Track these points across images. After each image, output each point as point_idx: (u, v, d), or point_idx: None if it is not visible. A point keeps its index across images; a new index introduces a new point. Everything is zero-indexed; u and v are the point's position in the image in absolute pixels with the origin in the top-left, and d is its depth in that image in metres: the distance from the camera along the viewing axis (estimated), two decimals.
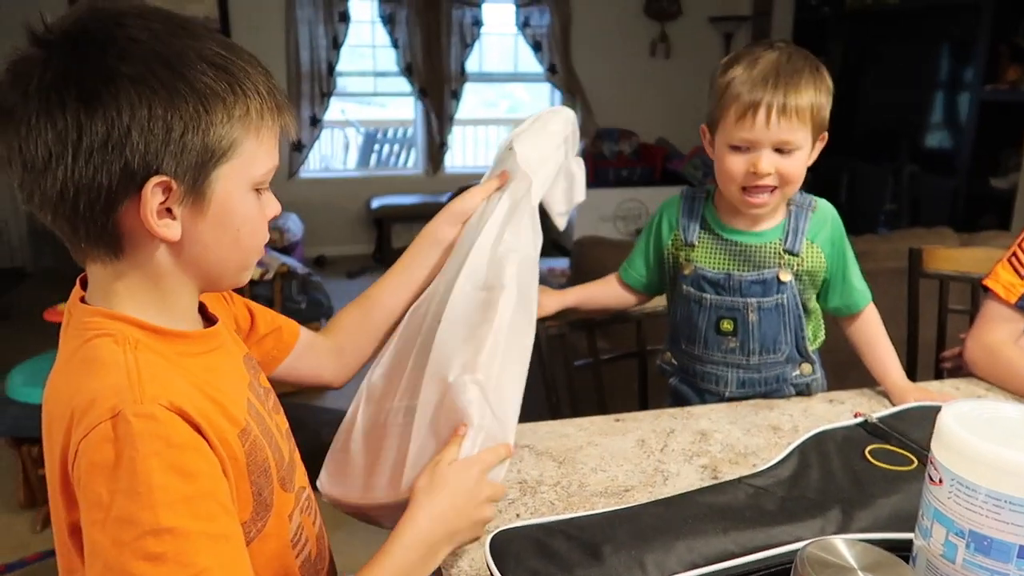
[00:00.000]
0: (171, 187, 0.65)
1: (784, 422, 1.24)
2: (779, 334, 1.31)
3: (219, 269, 0.74)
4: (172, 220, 0.67)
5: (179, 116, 0.63)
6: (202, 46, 0.66)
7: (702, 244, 1.34)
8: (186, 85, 0.64)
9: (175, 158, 0.64)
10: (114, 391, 0.63)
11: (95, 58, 0.62)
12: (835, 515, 0.81)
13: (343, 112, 5.79)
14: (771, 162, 1.20)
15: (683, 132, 6.01)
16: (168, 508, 0.59)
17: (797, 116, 1.17)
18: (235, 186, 0.69)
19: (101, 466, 0.60)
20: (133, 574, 0.57)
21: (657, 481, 1.06)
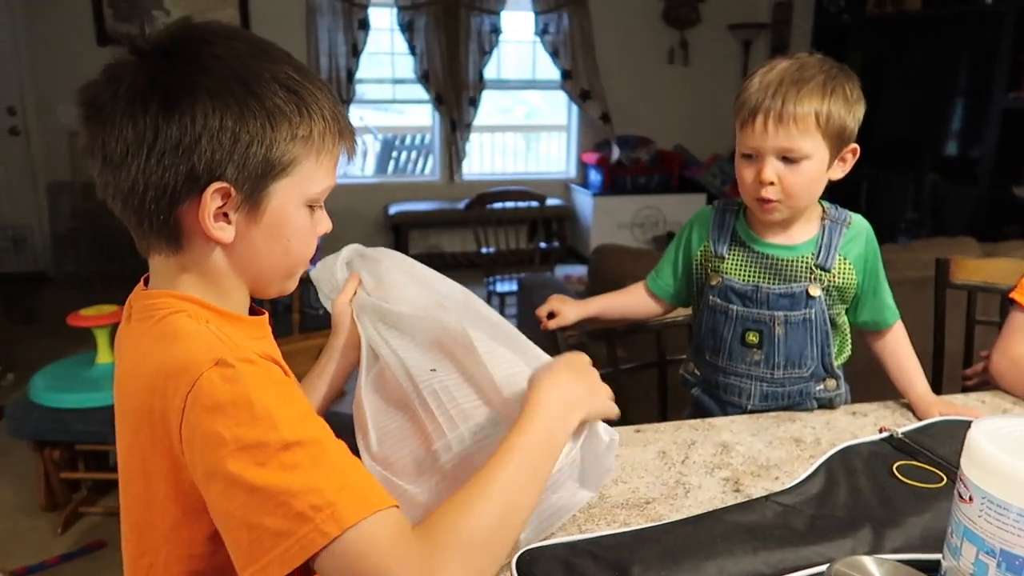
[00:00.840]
0: (230, 194, 0.70)
1: (807, 435, 1.23)
2: (805, 348, 1.30)
3: (268, 275, 0.79)
4: (227, 224, 0.72)
5: (246, 130, 0.69)
6: (278, 69, 0.71)
7: (732, 256, 1.33)
8: (257, 102, 0.69)
9: (237, 168, 0.69)
10: (207, 349, 0.67)
11: (180, 70, 0.68)
12: (866, 535, 0.80)
13: (361, 119, 5.82)
14: (774, 171, 1.19)
15: (701, 140, 5.99)
16: (289, 426, 0.63)
17: (796, 123, 1.16)
18: (290, 200, 0.74)
19: (216, 408, 0.64)
20: (277, 487, 0.60)
21: (679, 493, 1.05)
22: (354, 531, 0.60)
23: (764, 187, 1.20)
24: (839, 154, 1.22)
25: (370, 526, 0.61)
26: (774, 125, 1.16)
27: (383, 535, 0.61)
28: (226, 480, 0.62)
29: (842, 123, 1.19)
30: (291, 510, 0.59)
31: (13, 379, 3.42)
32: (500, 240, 4.23)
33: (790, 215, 1.26)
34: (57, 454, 2.37)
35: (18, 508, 2.50)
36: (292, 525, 0.59)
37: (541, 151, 6.38)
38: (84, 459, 2.49)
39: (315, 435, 0.65)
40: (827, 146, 1.19)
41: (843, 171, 1.25)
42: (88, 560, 2.23)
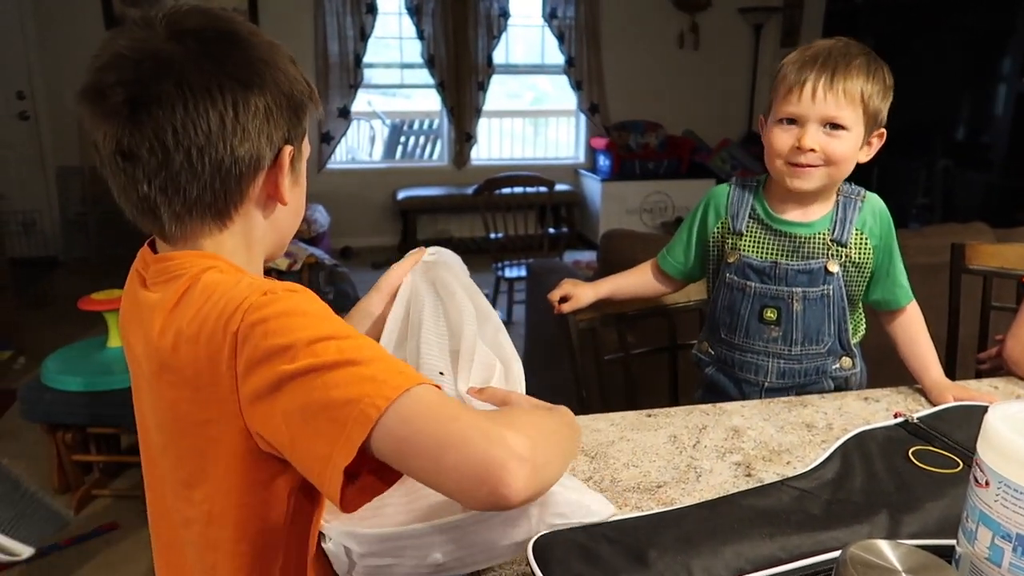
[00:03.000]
0: (292, 155, 0.77)
1: (818, 419, 1.23)
2: (823, 325, 1.30)
3: (289, 235, 0.84)
4: (291, 186, 0.78)
5: (292, 97, 0.75)
6: (275, 42, 0.77)
7: (750, 233, 1.33)
8: (285, 73, 0.75)
9: (294, 131, 0.76)
10: (254, 288, 0.69)
11: (236, 49, 0.72)
12: (882, 520, 0.80)
13: (369, 104, 5.81)
14: (816, 138, 1.21)
15: (711, 125, 5.96)
16: (340, 325, 0.67)
17: (844, 94, 1.19)
18: (303, 161, 0.80)
19: (265, 323, 0.65)
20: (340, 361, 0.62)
21: (690, 478, 1.05)
22: (414, 391, 0.61)
23: (804, 153, 1.22)
24: (869, 136, 1.24)
25: (427, 391, 0.62)
26: (824, 92, 1.19)
27: (439, 399, 0.63)
28: (292, 380, 0.62)
29: (877, 106, 1.23)
30: (358, 376, 0.62)
31: (25, 363, 3.44)
32: (509, 225, 4.22)
33: (826, 184, 1.26)
34: (69, 437, 2.38)
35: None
36: (362, 388, 0.61)
37: (550, 136, 6.36)
38: (96, 441, 2.51)
39: (357, 333, 0.67)
40: (863, 125, 1.22)
41: (868, 155, 1.27)
42: (101, 542, 2.25)
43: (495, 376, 0.86)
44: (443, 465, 0.60)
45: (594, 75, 5.76)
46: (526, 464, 0.60)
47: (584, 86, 5.76)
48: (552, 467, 0.66)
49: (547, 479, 0.65)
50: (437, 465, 0.60)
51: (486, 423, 0.61)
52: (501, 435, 0.60)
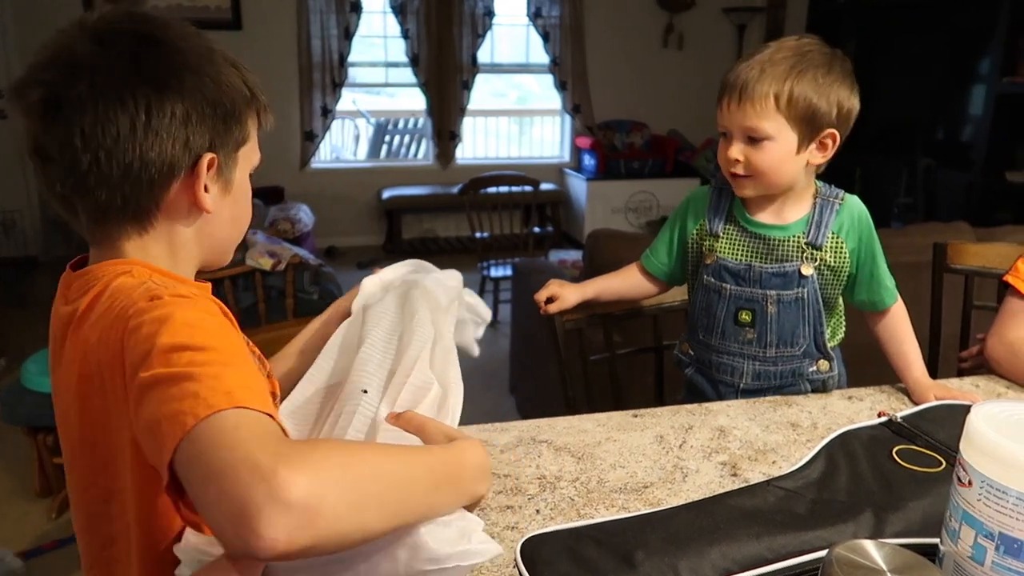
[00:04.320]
0: (215, 164, 0.75)
1: (803, 419, 1.24)
2: (797, 327, 1.31)
3: (226, 245, 0.82)
4: (207, 194, 0.76)
5: (222, 102, 0.74)
6: (214, 47, 0.76)
7: (726, 235, 1.33)
8: (224, 77, 0.74)
9: (220, 137, 0.74)
10: (145, 293, 0.67)
11: (157, 51, 0.71)
12: (867, 519, 0.80)
13: (354, 103, 5.78)
14: (740, 150, 1.24)
15: (695, 124, 5.98)
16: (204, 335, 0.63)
17: (753, 104, 1.19)
18: (244, 169, 0.79)
19: (138, 329, 0.63)
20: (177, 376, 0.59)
21: (676, 478, 1.05)
22: (223, 414, 0.56)
23: (732, 164, 1.25)
24: (815, 138, 1.23)
25: (238, 416, 0.56)
26: (735, 105, 1.22)
27: (245, 425, 0.56)
28: (142, 390, 0.60)
29: (810, 107, 1.20)
30: (186, 392, 0.57)
31: (5, 364, 3.40)
32: (494, 225, 4.22)
33: (762, 192, 1.28)
34: (51, 439, 2.36)
35: (12, 493, 2.50)
36: (182, 405, 0.57)
37: (535, 135, 6.36)
38: None
39: (226, 346, 0.63)
40: (794, 129, 1.21)
41: (824, 156, 1.26)
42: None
43: (428, 399, 0.79)
44: (206, 498, 0.53)
45: (579, 75, 5.77)
46: (294, 513, 0.51)
47: (569, 86, 5.77)
48: (356, 519, 0.55)
49: (339, 532, 0.54)
50: (202, 497, 0.54)
51: (267, 456, 0.52)
52: (273, 473, 0.51)
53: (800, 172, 1.26)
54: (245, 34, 5.10)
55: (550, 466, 1.08)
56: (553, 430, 1.18)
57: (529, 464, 1.08)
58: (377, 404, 0.77)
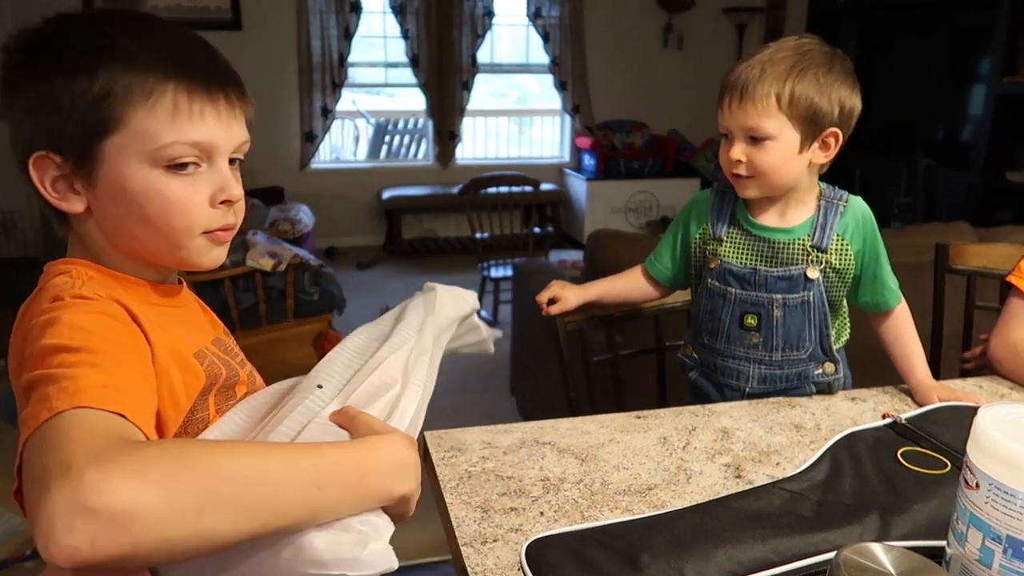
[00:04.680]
0: (55, 161, 0.69)
1: (806, 420, 1.24)
2: (803, 331, 1.30)
3: (140, 245, 0.74)
4: (73, 194, 0.71)
5: (47, 96, 0.68)
6: (89, 32, 0.70)
7: (730, 239, 1.33)
8: (56, 66, 0.68)
9: (51, 135, 0.69)
10: (54, 292, 0.67)
11: (8, 58, 0.70)
12: (873, 522, 0.80)
13: (354, 103, 5.78)
14: (742, 150, 1.24)
15: (695, 124, 5.98)
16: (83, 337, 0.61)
17: (754, 103, 1.19)
18: (126, 161, 0.69)
19: (32, 329, 0.63)
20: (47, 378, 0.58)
21: (680, 480, 1.05)
22: (63, 416, 0.55)
23: (734, 164, 1.25)
24: (817, 138, 1.23)
25: (77, 417, 0.55)
26: (736, 105, 1.21)
27: (85, 425, 0.54)
28: (23, 392, 0.60)
29: (812, 106, 1.20)
30: (44, 395, 0.57)
31: (4, 365, 3.39)
32: (494, 225, 4.21)
33: (765, 193, 1.28)
34: None
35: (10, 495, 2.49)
36: (40, 407, 0.57)
37: (534, 135, 6.35)
38: None
39: (102, 347, 0.61)
40: (796, 129, 1.21)
41: (826, 156, 1.26)
42: None
43: (384, 398, 0.75)
44: (28, 503, 0.51)
45: (578, 75, 5.77)
46: (99, 518, 0.48)
47: (569, 86, 5.77)
48: (192, 523, 0.52)
49: (166, 538, 0.51)
50: (27, 502, 0.52)
51: (83, 459, 0.50)
52: (80, 476, 0.48)
53: (803, 172, 1.26)
54: (245, 34, 5.09)
55: (554, 468, 1.08)
56: (556, 432, 1.18)
57: (532, 466, 1.08)
58: (328, 400, 0.73)
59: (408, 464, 0.66)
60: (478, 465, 1.08)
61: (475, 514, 0.96)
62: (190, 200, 0.72)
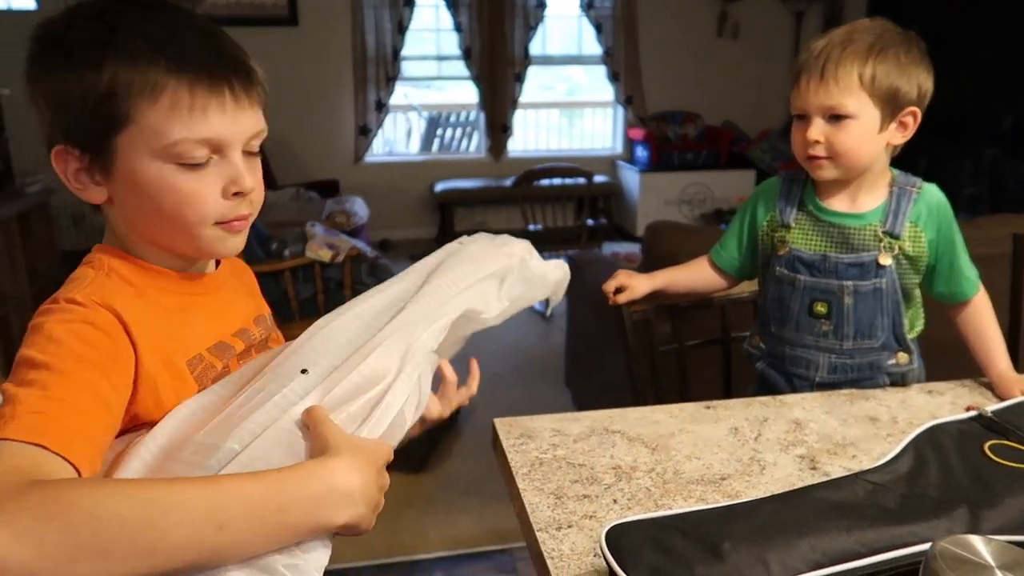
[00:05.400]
0: (75, 154, 0.71)
1: (882, 413, 1.21)
2: (875, 319, 1.28)
3: (158, 234, 0.75)
4: (94, 185, 0.72)
5: (60, 92, 0.69)
6: (95, 27, 0.69)
7: (799, 225, 1.31)
8: (66, 62, 0.69)
9: (67, 130, 0.70)
10: (60, 292, 0.70)
11: (30, 51, 0.71)
12: (962, 515, 0.78)
13: (406, 96, 5.82)
14: (820, 130, 1.22)
15: (751, 115, 5.88)
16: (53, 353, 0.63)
17: (836, 82, 1.18)
18: (139, 155, 0.70)
19: (28, 330, 0.67)
20: (9, 397, 0.61)
21: (754, 470, 1.04)
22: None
23: (811, 146, 1.23)
24: (895, 117, 1.22)
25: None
26: (816, 83, 1.20)
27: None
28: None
29: (892, 85, 1.19)
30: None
31: None
32: (547, 217, 4.21)
33: (841, 175, 1.26)
34: None
35: None
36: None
37: (585, 127, 6.32)
38: None
39: (63, 367, 0.63)
40: (877, 108, 1.20)
41: (904, 136, 1.25)
42: None
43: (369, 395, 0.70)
44: None
45: (631, 66, 5.71)
46: None
47: (621, 77, 5.72)
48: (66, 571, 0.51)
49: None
50: None
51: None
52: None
53: (880, 153, 1.24)
54: (301, 30, 5.17)
55: (625, 456, 1.07)
56: (625, 421, 1.18)
57: (603, 454, 1.08)
58: (306, 392, 0.68)
59: (349, 491, 0.62)
60: (548, 452, 1.08)
61: (548, 500, 0.96)
62: (202, 193, 0.72)
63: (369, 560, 2.27)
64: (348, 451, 0.63)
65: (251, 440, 0.65)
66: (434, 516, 2.49)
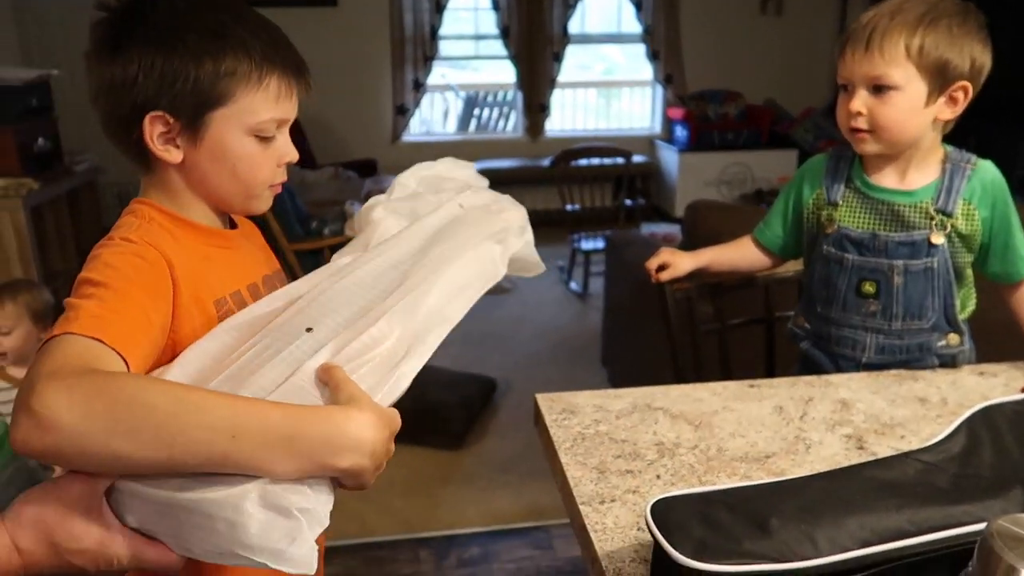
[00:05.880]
0: (168, 121, 0.81)
1: (931, 394, 1.18)
2: (926, 299, 1.25)
3: (221, 194, 0.88)
4: (175, 148, 0.84)
5: (171, 68, 0.80)
6: (208, 16, 0.82)
7: (846, 203, 1.28)
8: (183, 46, 0.80)
9: (169, 100, 0.81)
10: (112, 232, 0.82)
11: (125, 22, 0.81)
12: (1018, 496, 0.76)
13: (443, 76, 5.81)
14: (863, 101, 1.19)
15: (794, 93, 5.75)
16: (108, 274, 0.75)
17: (882, 52, 1.15)
18: (229, 129, 0.83)
19: (87, 260, 0.78)
20: (71, 305, 0.72)
21: (800, 449, 1.03)
22: (59, 338, 0.67)
23: (853, 117, 1.20)
24: (945, 91, 1.18)
25: (67, 342, 0.67)
26: (860, 53, 1.17)
27: (67, 347, 0.66)
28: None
29: (942, 57, 1.15)
30: (63, 318, 0.70)
31: None
32: (584, 197, 4.19)
33: (885, 150, 1.23)
34: None
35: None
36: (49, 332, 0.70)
37: (623, 107, 6.25)
38: None
39: (119, 285, 0.74)
40: (924, 80, 1.16)
41: (953, 112, 1.20)
42: None
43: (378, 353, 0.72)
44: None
45: (671, 44, 5.62)
46: (32, 419, 0.59)
47: (661, 55, 5.63)
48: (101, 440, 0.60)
49: (78, 447, 0.60)
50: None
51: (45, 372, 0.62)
52: (32, 385, 0.61)
53: (926, 128, 1.20)
54: (340, 10, 5.18)
55: (667, 433, 1.07)
56: (667, 398, 1.17)
57: (646, 431, 1.07)
58: (315, 350, 0.70)
59: (359, 441, 0.65)
60: (591, 428, 1.08)
61: (591, 475, 0.97)
62: (267, 161, 0.87)
63: (407, 534, 2.30)
64: (370, 409, 0.68)
65: (264, 396, 0.68)
66: (471, 492, 2.51)
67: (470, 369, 3.19)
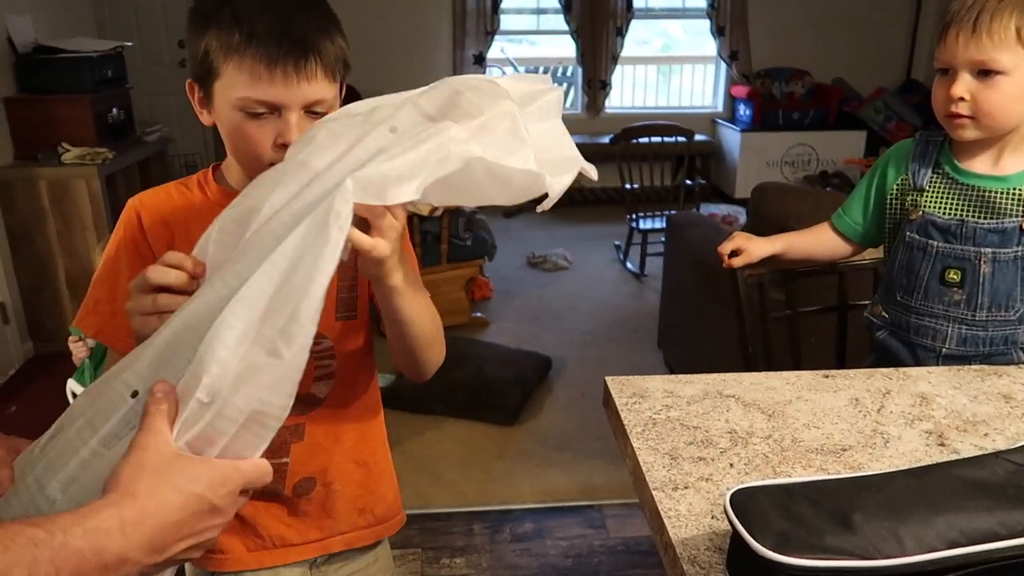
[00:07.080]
0: (194, 88, 0.94)
1: (1016, 391, 1.14)
2: (1014, 290, 1.21)
3: (236, 160, 0.98)
4: (207, 113, 0.95)
5: (191, 40, 0.92)
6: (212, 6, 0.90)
7: (933, 188, 1.24)
8: (191, 23, 0.92)
9: (192, 69, 0.93)
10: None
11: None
12: None
13: (502, 51, 5.78)
14: (966, 86, 1.15)
15: (864, 72, 5.57)
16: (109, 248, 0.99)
17: (990, 35, 1.11)
18: (223, 101, 0.91)
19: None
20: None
21: (877, 443, 1.01)
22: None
23: (954, 103, 1.16)
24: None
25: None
26: (966, 36, 1.12)
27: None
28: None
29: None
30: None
31: None
32: (644, 176, 4.14)
33: (985, 135, 1.18)
34: None
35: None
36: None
37: (683, 85, 6.13)
38: None
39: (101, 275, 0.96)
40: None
41: None
42: None
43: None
44: None
45: (738, 19, 5.48)
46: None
47: (727, 31, 5.50)
48: None
49: None
50: None
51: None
52: None
53: None
54: None
55: (740, 421, 1.06)
56: (740, 385, 1.16)
57: (718, 418, 1.06)
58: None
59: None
60: (662, 413, 1.07)
61: (663, 460, 0.96)
62: (258, 139, 0.91)
63: (462, 507, 2.34)
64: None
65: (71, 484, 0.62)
66: (525, 468, 2.53)
67: (525, 347, 3.20)
